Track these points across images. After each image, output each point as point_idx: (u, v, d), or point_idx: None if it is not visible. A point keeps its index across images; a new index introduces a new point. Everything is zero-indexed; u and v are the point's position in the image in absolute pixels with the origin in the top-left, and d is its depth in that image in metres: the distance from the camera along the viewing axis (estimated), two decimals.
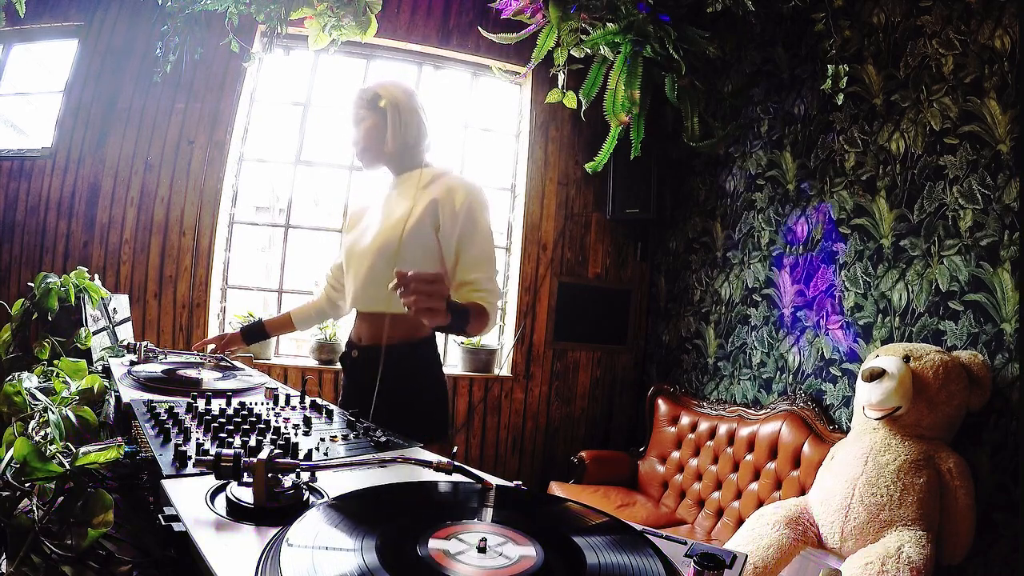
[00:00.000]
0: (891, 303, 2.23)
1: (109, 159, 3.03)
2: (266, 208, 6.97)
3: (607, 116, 2.43)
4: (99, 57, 3.05)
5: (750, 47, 3.03)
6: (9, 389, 0.96)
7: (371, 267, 1.47)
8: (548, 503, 0.71)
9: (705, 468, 2.78)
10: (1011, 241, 1.87)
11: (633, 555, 0.54)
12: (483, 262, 1.43)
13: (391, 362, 1.45)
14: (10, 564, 0.60)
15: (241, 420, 0.92)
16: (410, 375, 1.48)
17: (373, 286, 1.47)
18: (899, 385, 1.81)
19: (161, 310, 3.07)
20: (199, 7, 2.63)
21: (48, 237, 2.99)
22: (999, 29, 1.94)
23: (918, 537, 1.68)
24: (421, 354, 1.50)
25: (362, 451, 0.86)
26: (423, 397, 1.50)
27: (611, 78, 2.40)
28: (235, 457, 0.62)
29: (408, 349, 1.48)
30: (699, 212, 3.33)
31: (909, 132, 2.22)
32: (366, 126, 1.53)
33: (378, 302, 1.49)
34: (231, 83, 3.15)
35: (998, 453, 1.85)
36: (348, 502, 0.62)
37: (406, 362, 1.48)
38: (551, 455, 3.50)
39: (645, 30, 2.31)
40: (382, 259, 1.45)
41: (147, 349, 1.54)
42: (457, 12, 3.41)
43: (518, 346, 3.47)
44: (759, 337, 2.85)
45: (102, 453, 0.72)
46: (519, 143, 3.63)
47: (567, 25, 2.42)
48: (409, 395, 1.47)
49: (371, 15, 2.63)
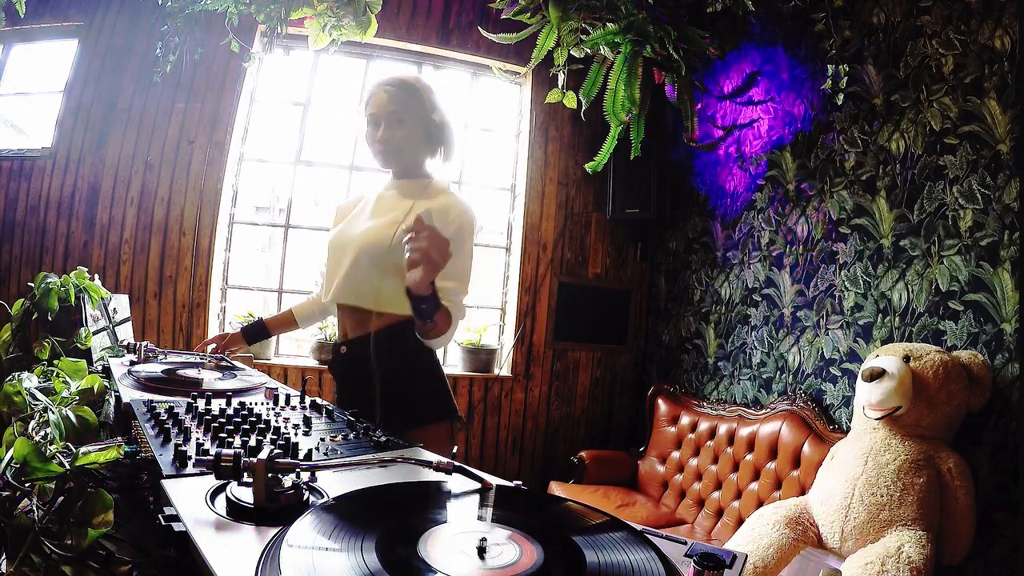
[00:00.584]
0: (891, 303, 2.23)
1: (109, 159, 3.03)
2: (266, 208, 6.97)
3: (607, 116, 2.43)
4: (99, 57, 3.05)
5: (750, 47, 3.03)
6: (9, 389, 0.96)
7: (355, 260, 1.45)
8: (548, 503, 0.71)
9: (705, 468, 2.78)
10: (1011, 241, 1.87)
11: (633, 555, 0.54)
12: (459, 277, 1.42)
13: (382, 348, 1.44)
14: (10, 564, 0.60)
15: (241, 420, 0.92)
16: (405, 357, 1.47)
17: (355, 280, 1.46)
18: (899, 385, 1.81)
19: (161, 310, 3.07)
20: (199, 7, 2.63)
21: (48, 237, 2.99)
22: (999, 29, 1.94)
23: (918, 537, 1.68)
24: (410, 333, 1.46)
25: (362, 451, 0.86)
26: (423, 376, 1.50)
27: (611, 78, 2.40)
28: (235, 457, 0.62)
29: (398, 330, 1.43)
30: (699, 212, 3.33)
31: (909, 132, 2.22)
32: (408, 130, 1.48)
33: (361, 297, 1.47)
34: (231, 83, 3.15)
35: (998, 453, 1.85)
36: (348, 502, 0.62)
37: (398, 345, 1.45)
38: (551, 455, 3.50)
39: (645, 30, 2.31)
40: (368, 255, 1.44)
41: (147, 349, 1.53)
42: (457, 12, 3.41)
43: (518, 346, 3.47)
44: (759, 337, 2.85)
45: (102, 453, 0.72)
46: (519, 143, 3.63)
47: (567, 25, 2.42)
48: (408, 378, 1.47)
49: (371, 15, 2.62)
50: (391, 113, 1.46)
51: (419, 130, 1.49)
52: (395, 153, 1.49)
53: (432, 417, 1.49)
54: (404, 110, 1.47)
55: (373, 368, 1.45)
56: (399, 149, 1.48)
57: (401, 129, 1.47)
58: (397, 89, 1.47)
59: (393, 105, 1.46)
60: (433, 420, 1.49)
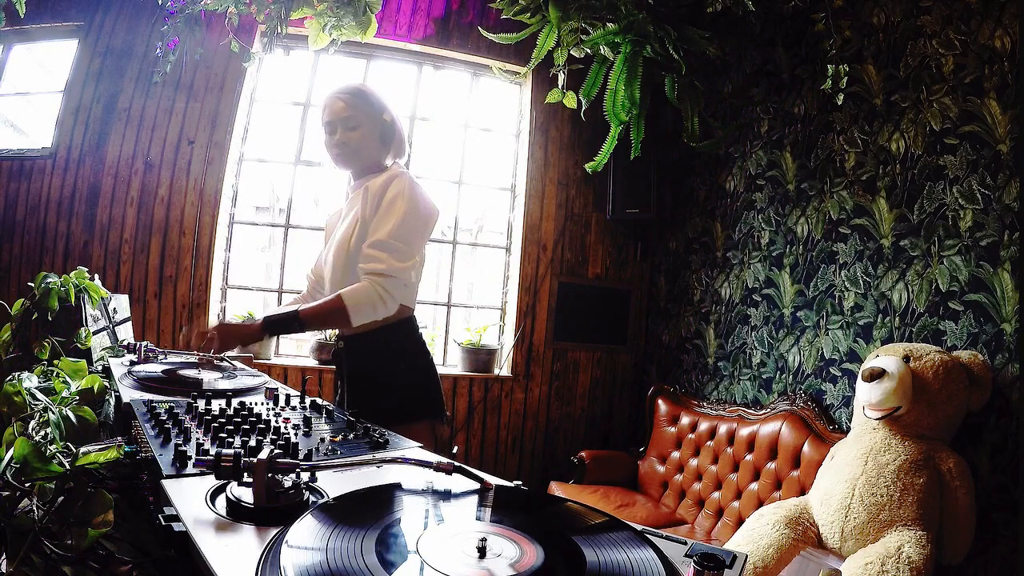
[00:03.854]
0: (891, 303, 2.23)
1: (109, 159, 3.03)
2: (266, 208, 6.96)
3: (607, 116, 2.43)
4: (99, 57, 3.05)
5: (750, 47, 3.03)
6: (9, 389, 0.96)
7: (333, 267, 1.60)
8: (548, 503, 0.71)
9: (705, 468, 2.78)
10: (1011, 241, 1.87)
11: (633, 555, 0.54)
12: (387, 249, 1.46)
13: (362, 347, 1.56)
14: (10, 564, 0.60)
15: (241, 420, 0.92)
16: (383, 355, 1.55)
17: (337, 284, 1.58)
18: (899, 385, 1.81)
19: (161, 310, 3.07)
20: (199, 7, 2.63)
21: (48, 237, 2.99)
22: (999, 29, 1.94)
23: (918, 537, 1.68)
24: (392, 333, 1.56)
25: (362, 451, 0.86)
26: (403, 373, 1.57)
27: (611, 78, 2.40)
28: (235, 457, 0.62)
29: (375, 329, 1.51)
30: (699, 212, 3.33)
31: (909, 132, 2.22)
32: (363, 132, 1.59)
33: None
34: (231, 83, 3.15)
35: (998, 453, 1.84)
36: (348, 502, 0.62)
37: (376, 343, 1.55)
38: (551, 455, 3.50)
39: (645, 30, 2.31)
40: (340, 260, 1.57)
41: (147, 349, 1.53)
42: (457, 12, 3.41)
43: (518, 346, 3.47)
44: (759, 337, 2.85)
45: (102, 453, 0.72)
46: (519, 143, 3.63)
47: (567, 25, 2.42)
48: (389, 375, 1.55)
49: (371, 15, 2.62)
50: (346, 119, 1.58)
51: (374, 131, 1.60)
52: (351, 155, 1.60)
53: (412, 415, 1.54)
54: (358, 115, 1.58)
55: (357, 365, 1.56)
56: (356, 151, 1.59)
57: (356, 132, 1.58)
58: (351, 96, 1.59)
59: (348, 111, 1.58)
60: (413, 418, 1.54)
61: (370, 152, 1.61)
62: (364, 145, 1.59)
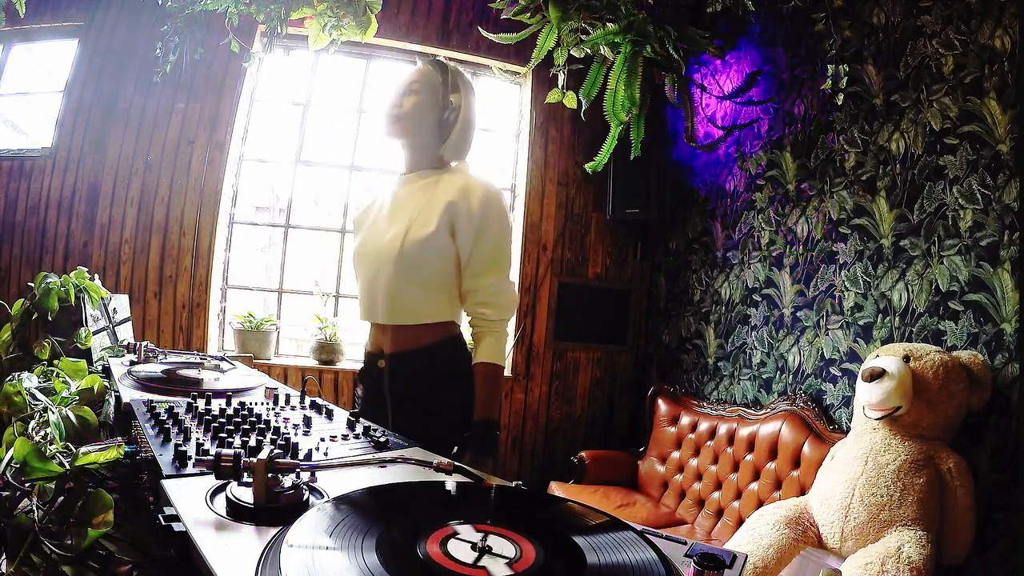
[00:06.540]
0: (891, 303, 2.23)
1: (109, 159, 3.04)
2: (266, 208, 6.97)
3: (607, 116, 2.43)
4: (99, 57, 3.05)
5: (750, 47, 3.03)
6: (9, 389, 0.96)
7: (388, 275, 1.37)
8: (548, 503, 0.71)
9: (705, 468, 2.78)
10: (1011, 241, 1.87)
11: (633, 555, 0.54)
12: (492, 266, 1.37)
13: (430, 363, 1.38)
14: (10, 564, 0.60)
15: (241, 420, 0.92)
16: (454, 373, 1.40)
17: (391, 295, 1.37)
18: (899, 385, 1.81)
19: (161, 310, 3.07)
20: (199, 7, 2.63)
21: (48, 237, 3.00)
22: (999, 29, 1.94)
23: (918, 537, 1.68)
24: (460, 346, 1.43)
25: (362, 451, 0.86)
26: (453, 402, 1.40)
27: (611, 78, 2.40)
28: (235, 457, 0.62)
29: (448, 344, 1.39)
30: (699, 212, 3.33)
31: (909, 132, 2.22)
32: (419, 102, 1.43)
33: (402, 312, 1.39)
34: (231, 83, 3.15)
35: (998, 453, 1.84)
36: (348, 502, 0.62)
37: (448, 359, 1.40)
38: (551, 455, 3.50)
39: (645, 30, 2.31)
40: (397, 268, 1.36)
41: (147, 349, 1.53)
42: (457, 12, 3.41)
43: (518, 346, 3.47)
44: (759, 337, 2.85)
45: (102, 453, 0.72)
46: (519, 143, 3.63)
47: (567, 25, 2.42)
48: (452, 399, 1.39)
49: (371, 15, 2.62)
50: (410, 83, 1.46)
51: (432, 106, 1.44)
52: (397, 122, 1.44)
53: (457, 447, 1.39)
54: (422, 82, 1.45)
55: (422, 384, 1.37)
56: (404, 119, 1.43)
57: (411, 98, 1.44)
58: (429, 64, 1.48)
59: (416, 76, 1.47)
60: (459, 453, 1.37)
61: (420, 128, 1.43)
62: (415, 116, 1.42)
